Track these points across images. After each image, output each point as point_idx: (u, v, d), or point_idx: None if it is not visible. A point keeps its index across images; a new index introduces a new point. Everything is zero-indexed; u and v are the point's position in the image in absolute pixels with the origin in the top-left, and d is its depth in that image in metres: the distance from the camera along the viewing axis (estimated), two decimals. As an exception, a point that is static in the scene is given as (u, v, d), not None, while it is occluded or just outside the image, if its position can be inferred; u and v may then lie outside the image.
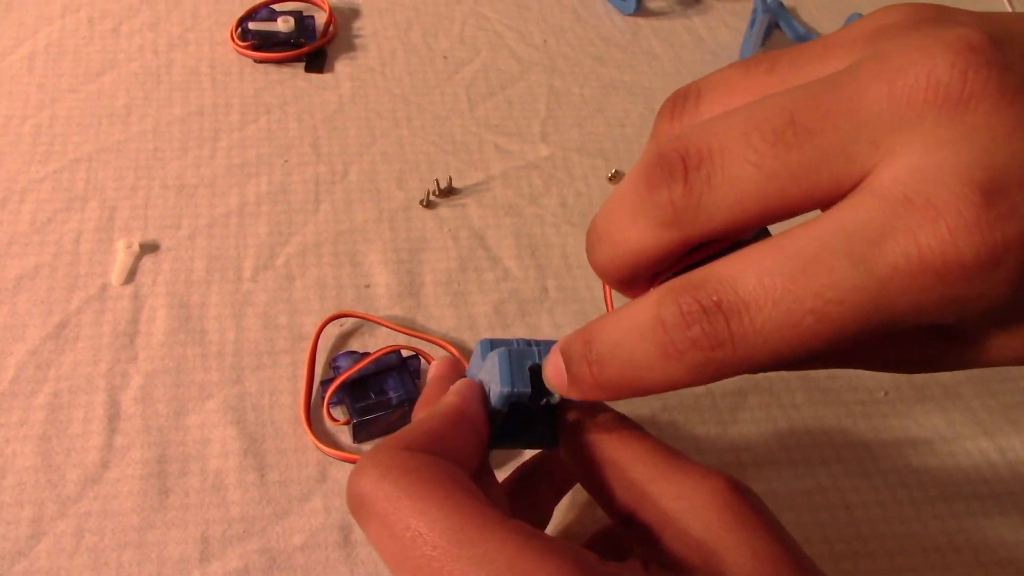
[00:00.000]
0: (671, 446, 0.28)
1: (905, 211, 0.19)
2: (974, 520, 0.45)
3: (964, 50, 0.19)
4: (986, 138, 0.19)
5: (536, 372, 0.28)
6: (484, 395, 0.30)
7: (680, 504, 0.26)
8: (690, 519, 0.25)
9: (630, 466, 0.27)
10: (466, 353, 0.48)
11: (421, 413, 0.30)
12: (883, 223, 0.19)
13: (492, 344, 0.30)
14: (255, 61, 0.63)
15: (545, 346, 0.29)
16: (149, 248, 0.51)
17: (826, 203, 0.21)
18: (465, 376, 0.32)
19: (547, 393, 0.28)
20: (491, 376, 0.29)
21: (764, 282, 0.20)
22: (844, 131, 0.20)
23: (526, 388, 0.28)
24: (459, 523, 0.23)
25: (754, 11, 0.65)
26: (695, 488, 0.26)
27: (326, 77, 0.63)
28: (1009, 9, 0.78)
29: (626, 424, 0.29)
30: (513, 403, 0.28)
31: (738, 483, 0.26)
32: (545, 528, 0.36)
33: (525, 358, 0.28)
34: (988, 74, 0.19)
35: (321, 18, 0.66)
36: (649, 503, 0.27)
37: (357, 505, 0.25)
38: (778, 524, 0.26)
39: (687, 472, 0.27)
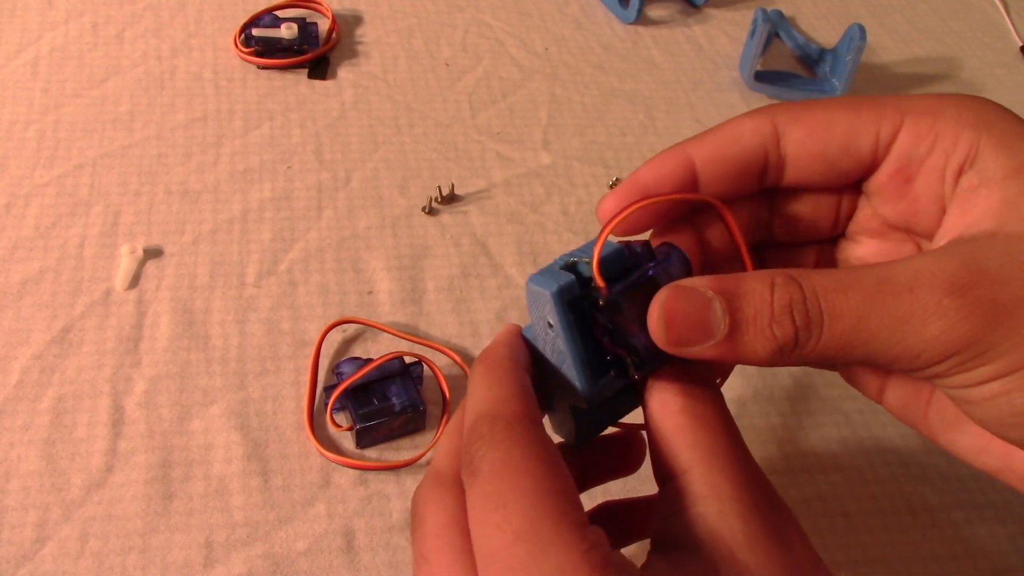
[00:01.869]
0: (731, 432, 0.28)
1: None
2: (972, 529, 0.45)
3: None
4: None
5: (570, 267, 0.27)
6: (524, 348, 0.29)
7: (709, 503, 0.26)
8: (712, 515, 0.26)
9: (682, 439, 0.27)
10: (468, 359, 0.48)
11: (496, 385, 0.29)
12: None
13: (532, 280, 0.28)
14: (258, 67, 0.63)
15: (587, 247, 0.27)
16: (153, 253, 0.51)
17: None
18: (523, 335, 0.30)
19: (592, 281, 0.27)
20: (537, 303, 0.27)
21: None
22: None
23: (568, 279, 0.27)
24: (535, 515, 0.24)
25: (754, 21, 0.66)
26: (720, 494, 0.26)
27: (329, 84, 0.63)
28: (1003, 13, 0.78)
29: (701, 394, 0.28)
30: (571, 302, 0.27)
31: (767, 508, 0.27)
32: None
33: (552, 266, 0.28)
34: None
35: (324, 25, 0.66)
36: (681, 488, 0.27)
37: (468, 461, 0.26)
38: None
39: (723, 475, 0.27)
